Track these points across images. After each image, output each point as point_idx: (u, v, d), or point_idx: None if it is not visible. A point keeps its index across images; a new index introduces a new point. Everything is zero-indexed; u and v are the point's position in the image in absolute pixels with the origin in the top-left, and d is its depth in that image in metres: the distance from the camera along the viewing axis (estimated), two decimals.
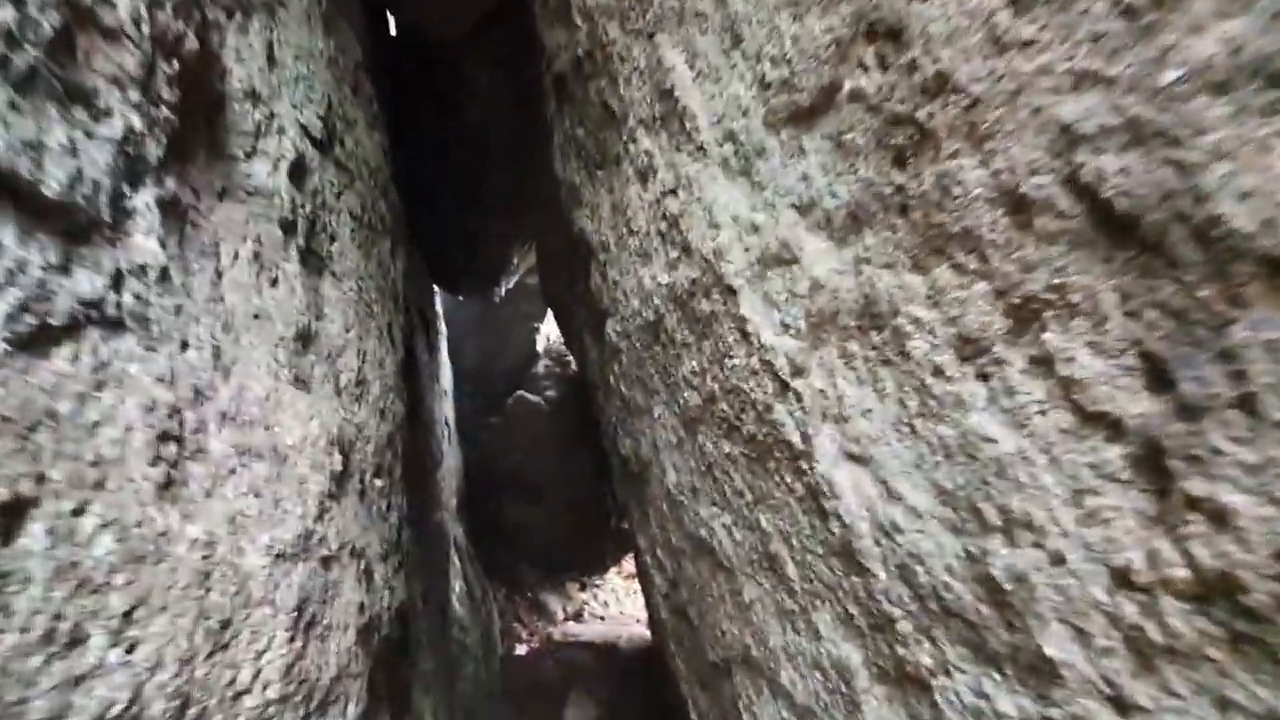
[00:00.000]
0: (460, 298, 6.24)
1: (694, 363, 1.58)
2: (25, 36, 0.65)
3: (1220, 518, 0.66)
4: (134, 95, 0.82)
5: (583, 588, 6.81)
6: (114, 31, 0.80)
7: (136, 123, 0.82)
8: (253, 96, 1.21)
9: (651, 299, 1.78)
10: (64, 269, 0.66)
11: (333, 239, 1.56)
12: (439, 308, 5.78)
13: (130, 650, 0.63)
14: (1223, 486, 0.66)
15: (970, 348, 0.91)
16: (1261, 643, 0.65)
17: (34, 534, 0.57)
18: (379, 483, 1.54)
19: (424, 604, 2.50)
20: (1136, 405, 0.74)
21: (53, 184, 0.65)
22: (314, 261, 1.42)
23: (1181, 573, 0.70)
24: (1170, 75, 0.66)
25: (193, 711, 0.69)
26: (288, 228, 1.27)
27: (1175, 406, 0.70)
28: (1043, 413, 0.83)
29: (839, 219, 1.12)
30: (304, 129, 1.48)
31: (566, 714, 4.63)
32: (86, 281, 0.68)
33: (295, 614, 0.92)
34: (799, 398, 1.20)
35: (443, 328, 5.85)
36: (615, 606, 6.62)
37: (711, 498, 1.64)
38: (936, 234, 0.94)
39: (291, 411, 1.05)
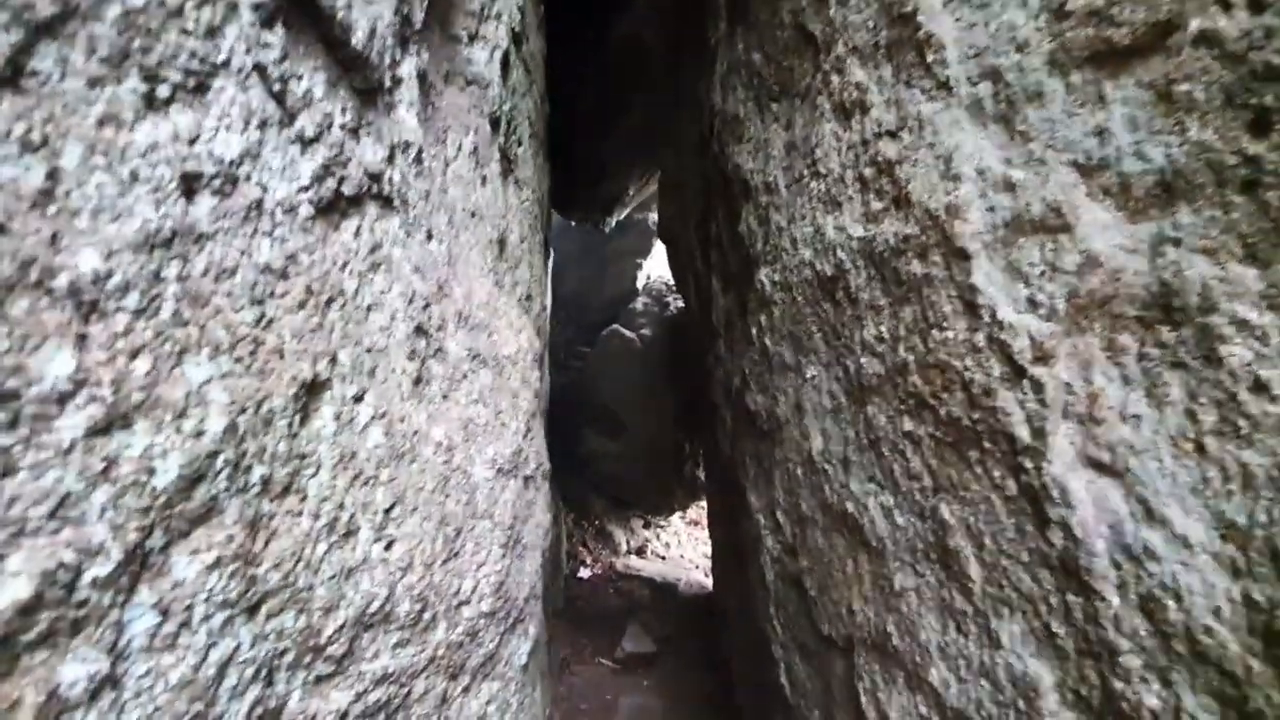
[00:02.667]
0: (572, 222, 6.21)
1: (883, 328, 1.44)
2: None
3: None
4: None
5: (647, 525, 6.93)
6: None
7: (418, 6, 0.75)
8: None
9: (833, 251, 1.64)
10: (355, 133, 0.61)
11: (519, 142, 1.49)
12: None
13: (389, 548, 0.61)
14: None
15: None
16: None
17: (325, 418, 0.54)
18: (537, 401, 1.52)
19: None
20: None
21: (359, 32, 0.59)
22: (505, 164, 1.36)
23: None
24: None
25: (427, 616, 0.67)
26: (495, 124, 1.20)
27: None
28: None
29: (1142, 187, 0.94)
30: (510, 23, 1.39)
31: (624, 643, 4.78)
32: (371, 150, 0.63)
33: (509, 530, 0.90)
34: (1037, 387, 1.06)
35: (550, 250, 5.84)
36: (676, 549, 6.72)
37: (870, 474, 1.53)
38: None
39: (506, 320, 1.01)
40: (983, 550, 1.19)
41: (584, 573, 5.87)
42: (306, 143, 0.52)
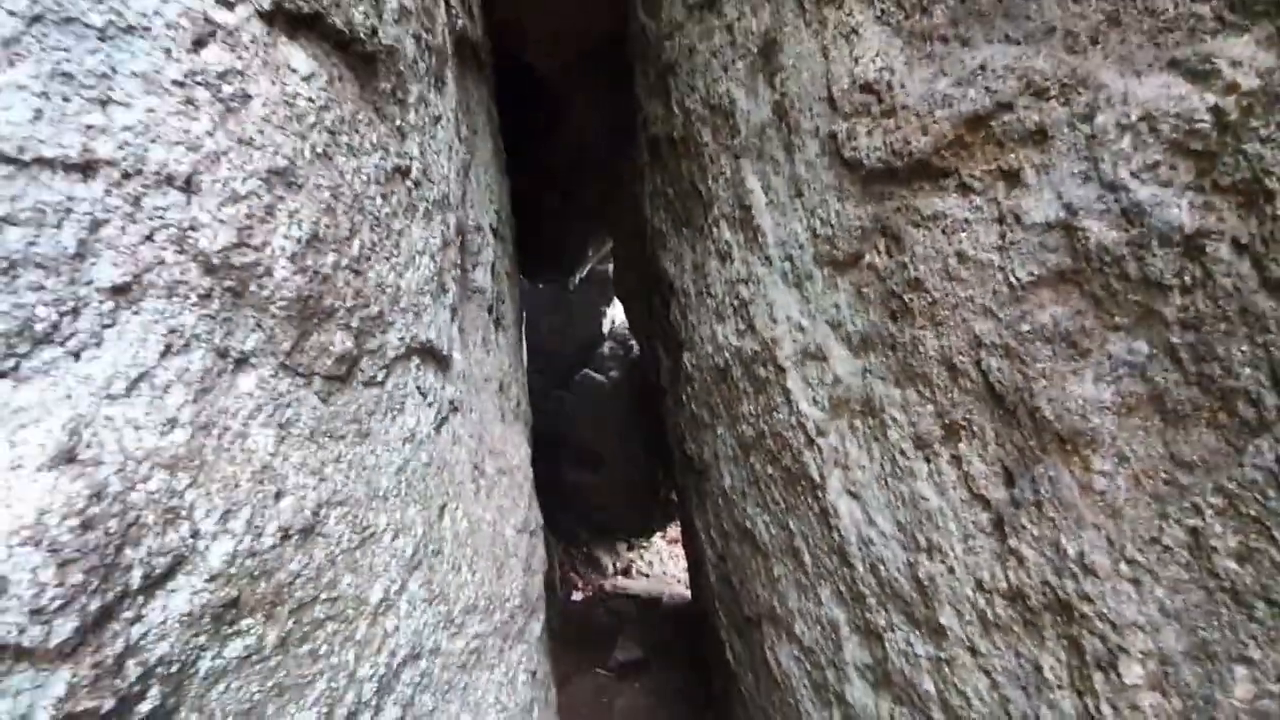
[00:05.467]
0: (539, 285, 6.98)
1: (750, 407, 2.21)
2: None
3: (1020, 558, 1.27)
4: (455, 273, 1.50)
5: (631, 548, 7.63)
6: (452, 241, 1.46)
7: (456, 293, 1.49)
8: (478, 230, 1.88)
9: (723, 351, 2.41)
10: (443, 387, 1.34)
11: (503, 300, 2.23)
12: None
13: (474, 574, 1.32)
14: (1025, 544, 1.27)
15: (921, 441, 1.52)
16: (1039, 623, 1.27)
17: (446, 521, 1.26)
18: (533, 486, 2.25)
19: None
20: (997, 492, 1.35)
21: (445, 348, 1.32)
22: (496, 324, 2.10)
23: (1004, 585, 1.32)
24: (1026, 326, 1.25)
25: (492, 607, 1.38)
26: (490, 309, 1.94)
27: (1011, 497, 1.31)
28: (954, 488, 1.44)
29: (855, 340, 1.72)
30: (492, 228, 2.14)
31: (616, 653, 5.44)
32: (452, 391, 1.36)
33: (525, 561, 1.61)
34: (820, 450, 1.82)
35: (523, 314, 6.57)
36: (659, 566, 7.41)
37: (757, 501, 2.28)
38: (909, 370, 1.54)
39: (513, 445, 1.74)
40: (809, 546, 1.94)
41: (576, 596, 6.54)
42: (433, 407, 1.25)
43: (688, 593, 6.74)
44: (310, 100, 0.87)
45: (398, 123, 1.13)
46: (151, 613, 0.76)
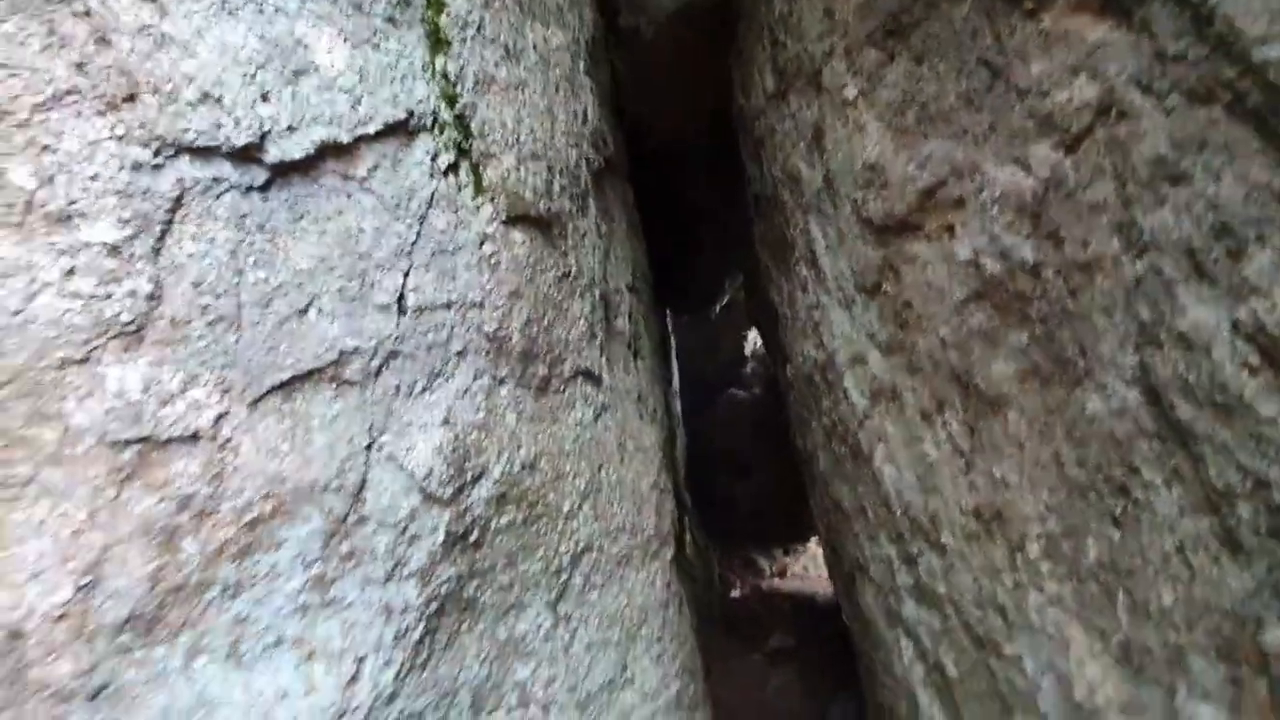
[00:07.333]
0: (684, 317, 7.91)
1: (826, 402, 2.87)
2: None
3: (976, 486, 1.86)
4: (602, 325, 2.40)
5: (786, 552, 8.14)
6: (598, 305, 2.37)
7: (603, 337, 2.40)
8: (617, 291, 2.79)
9: (807, 362, 3.10)
10: (597, 394, 2.23)
11: (639, 337, 3.12)
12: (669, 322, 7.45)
13: (620, 506, 2.19)
14: (979, 475, 1.86)
15: (924, 414, 2.13)
16: (991, 530, 1.84)
17: (609, 472, 2.13)
18: (662, 457, 3.10)
19: None
20: (965, 443, 1.94)
21: (604, 377, 2.23)
22: (635, 358, 2.98)
23: (971, 506, 1.91)
24: (965, 329, 1.86)
25: (636, 531, 2.23)
26: (629, 345, 2.83)
27: (972, 445, 1.90)
28: (944, 444, 2.04)
29: (883, 346, 2.36)
30: (628, 287, 3.05)
31: (771, 640, 6.04)
32: (603, 397, 2.26)
33: (656, 507, 2.46)
34: (867, 430, 2.46)
35: (672, 338, 7.52)
36: (814, 570, 7.84)
37: (840, 476, 2.92)
38: (913, 364, 2.17)
39: (646, 433, 2.60)
40: (870, 504, 2.56)
41: (735, 593, 7.21)
42: (591, 406, 2.14)
43: None
44: (525, 254, 1.81)
45: (562, 248, 2.06)
46: (475, 495, 1.71)
